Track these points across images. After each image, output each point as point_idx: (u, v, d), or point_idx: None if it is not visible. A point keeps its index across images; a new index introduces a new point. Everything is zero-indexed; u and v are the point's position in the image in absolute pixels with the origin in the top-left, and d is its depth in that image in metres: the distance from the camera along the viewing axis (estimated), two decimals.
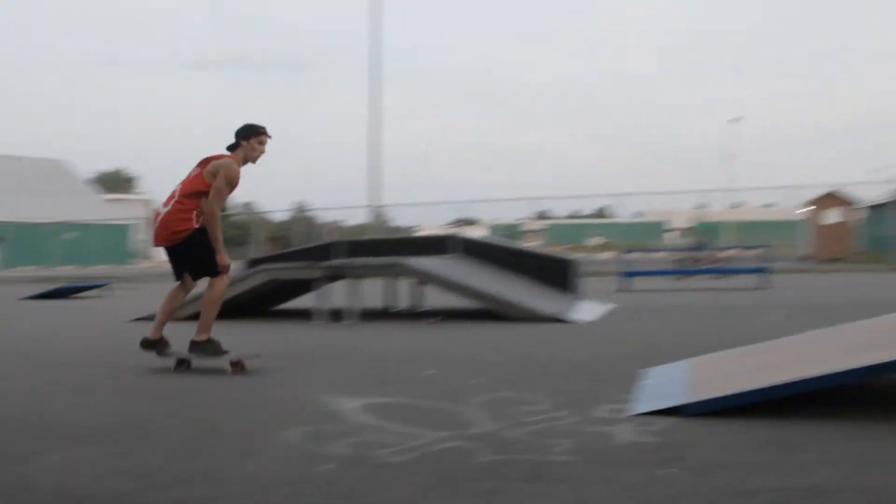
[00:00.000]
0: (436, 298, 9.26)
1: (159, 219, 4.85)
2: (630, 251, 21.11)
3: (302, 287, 9.18)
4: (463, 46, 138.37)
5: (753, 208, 52.34)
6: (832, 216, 27.96)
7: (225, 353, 4.76)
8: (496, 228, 34.96)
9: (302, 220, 36.66)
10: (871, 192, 32.58)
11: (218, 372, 4.69)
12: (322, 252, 9.54)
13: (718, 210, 44.24)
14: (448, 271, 8.43)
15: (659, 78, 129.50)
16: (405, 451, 2.77)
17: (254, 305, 8.99)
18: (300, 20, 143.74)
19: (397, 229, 30.86)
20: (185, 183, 4.85)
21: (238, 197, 46.69)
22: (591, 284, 11.54)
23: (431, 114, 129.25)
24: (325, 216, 36.38)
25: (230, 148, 4.90)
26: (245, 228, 32.59)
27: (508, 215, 33.91)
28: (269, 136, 4.96)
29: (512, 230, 32.52)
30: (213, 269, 4.80)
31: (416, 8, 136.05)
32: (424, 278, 8.58)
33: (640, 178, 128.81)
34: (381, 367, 5.04)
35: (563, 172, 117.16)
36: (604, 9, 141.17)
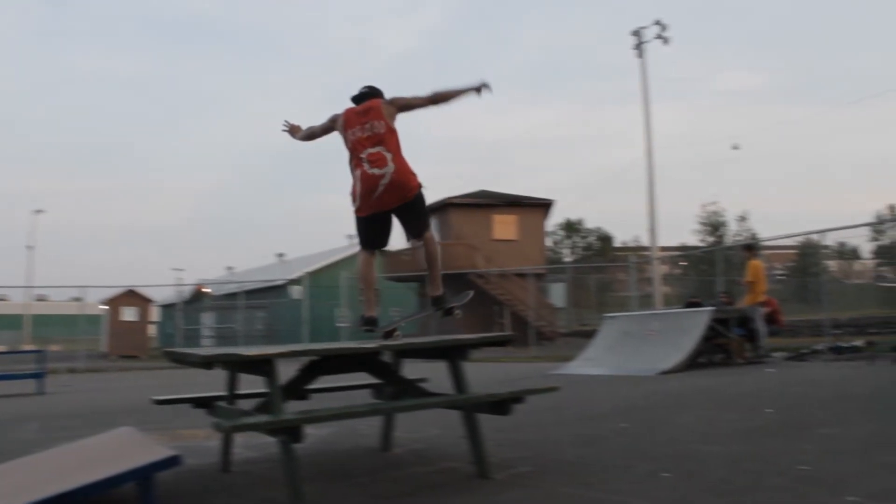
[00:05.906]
0: None
1: (388, 178, 4.53)
2: None
3: None
4: None
5: (58, 302, 50.89)
6: (129, 313, 29.63)
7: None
8: None
9: None
10: (165, 293, 35.73)
11: None
12: None
13: (19, 303, 41.76)
14: None
15: None
16: None
17: None
18: None
19: None
20: (376, 137, 4.59)
21: None
22: None
23: None
24: None
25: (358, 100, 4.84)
26: None
27: None
28: None
29: None
30: (428, 224, 4.86)
31: None
32: None
33: None
34: None
35: None
36: None
